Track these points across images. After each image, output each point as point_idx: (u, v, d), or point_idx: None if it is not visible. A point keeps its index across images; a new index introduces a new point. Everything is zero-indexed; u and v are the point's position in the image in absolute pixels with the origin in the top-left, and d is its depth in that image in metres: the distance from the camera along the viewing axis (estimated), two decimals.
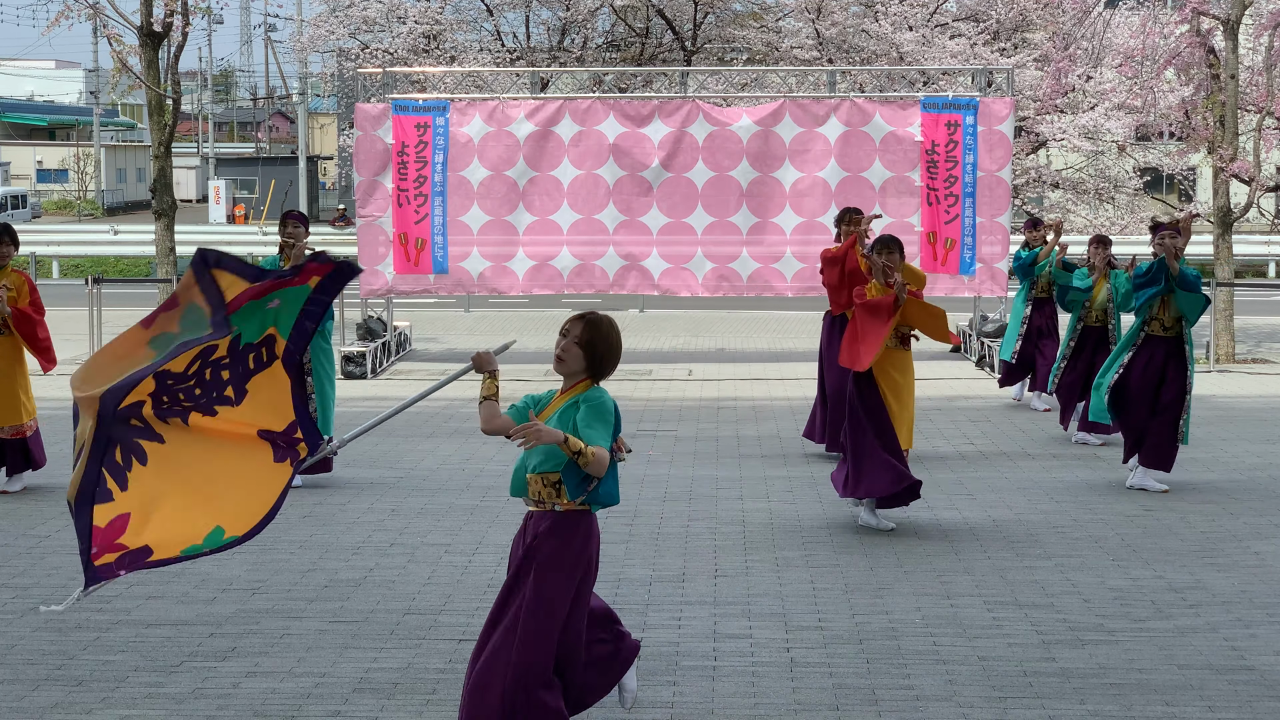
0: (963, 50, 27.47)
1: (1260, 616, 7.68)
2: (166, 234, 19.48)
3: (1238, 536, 9.48)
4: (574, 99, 18.16)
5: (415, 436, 13.22)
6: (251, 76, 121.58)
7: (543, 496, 5.59)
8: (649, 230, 17.73)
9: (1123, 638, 7.30)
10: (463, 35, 30.46)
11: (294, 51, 34.75)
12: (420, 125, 17.78)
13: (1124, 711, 6.28)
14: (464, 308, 25.68)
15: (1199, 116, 20.09)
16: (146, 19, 18.98)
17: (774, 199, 17.64)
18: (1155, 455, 10.86)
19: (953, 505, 10.33)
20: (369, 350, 17.51)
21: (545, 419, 5.60)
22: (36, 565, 8.64)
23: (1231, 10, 18.99)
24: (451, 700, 6.35)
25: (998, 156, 17.44)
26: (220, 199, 55.69)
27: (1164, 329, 10.95)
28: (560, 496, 5.55)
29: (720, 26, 30.84)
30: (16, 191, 56.73)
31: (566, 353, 5.67)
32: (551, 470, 5.54)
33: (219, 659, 6.93)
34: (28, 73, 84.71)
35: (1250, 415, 14.67)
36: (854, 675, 6.72)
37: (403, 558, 8.84)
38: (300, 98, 61.15)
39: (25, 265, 24.81)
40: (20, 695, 6.43)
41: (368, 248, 17.76)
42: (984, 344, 18.12)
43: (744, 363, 18.81)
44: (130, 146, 75.73)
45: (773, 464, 11.96)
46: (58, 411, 14.49)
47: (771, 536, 9.40)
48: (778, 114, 17.67)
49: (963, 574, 8.51)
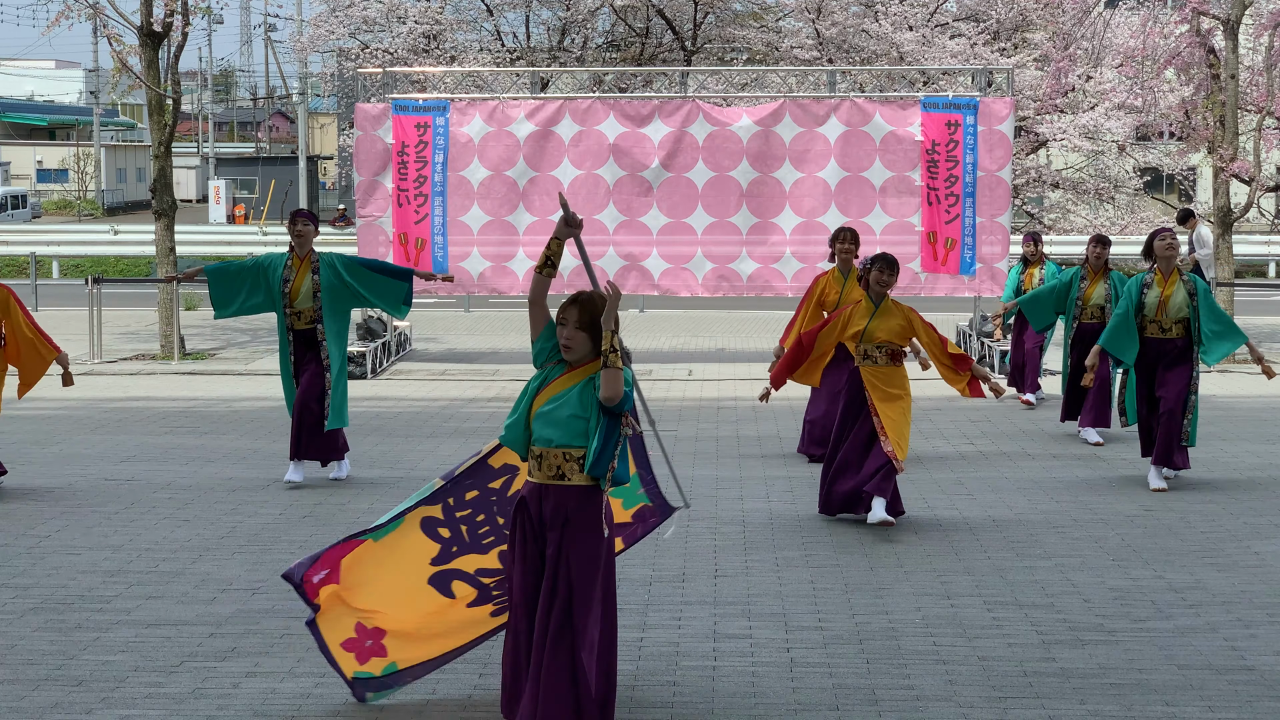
0: (963, 50, 27.47)
1: (1260, 616, 7.68)
2: (166, 234, 19.48)
3: (1238, 536, 9.48)
4: (574, 99, 18.16)
5: (415, 436, 13.22)
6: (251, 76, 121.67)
7: (563, 471, 5.69)
8: (649, 230, 17.74)
9: (1123, 638, 7.30)
10: (463, 35, 30.45)
11: (294, 51, 34.76)
12: (420, 125, 17.78)
13: (1124, 711, 6.28)
14: (464, 308, 25.68)
15: (1199, 116, 20.09)
16: (146, 19, 18.98)
17: (774, 199, 17.64)
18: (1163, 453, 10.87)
19: (953, 505, 10.33)
20: (369, 350, 17.51)
21: (558, 393, 5.70)
22: (36, 565, 8.64)
23: (1231, 10, 18.99)
24: (452, 700, 6.35)
25: (998, 156, 17.43)
26: (220, 199, 55.67)
27: (1162, 331, 10.88)
28: (582, 472, 5.67)
29: (720, 26, 30.82)
30: (16, 191, 56.71)
31: (572, 340, 5.77)
32: (578, 446, 5.64)
33: (219, 659, 6.93)
34: (28, 73, 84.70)
35: (1250, 415, 14.67)
36: (854, 675, 6.72)
37: None
38: (300, 98, 61.17)
39: (25, 265, 24.76)
40: (20, 695, 6.43)
41: (368, 248, 17.75)
42: (984, 344, 18.12)
43: (744, 363, 18.80)
44: (130, 146, 75.73)
45: (773, 464, 11.96)
46: (58, 411, 14.50)
47: (771, 536, 9.40)
48: (778, 114, 17.67)
49: (963, 574, 8.51)
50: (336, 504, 10.35)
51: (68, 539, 9.30)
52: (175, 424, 13.89)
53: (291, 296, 10.79)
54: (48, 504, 10.25)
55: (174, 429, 13.61)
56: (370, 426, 13.71)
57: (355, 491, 10.79)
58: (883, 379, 9.58)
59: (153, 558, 8.82)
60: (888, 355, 9.60)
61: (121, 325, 22.32)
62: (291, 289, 10.79)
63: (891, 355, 9.61)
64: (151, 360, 18.84)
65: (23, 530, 9.50)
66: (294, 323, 10.85)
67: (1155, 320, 10.87)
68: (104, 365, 18.28)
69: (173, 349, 18.95)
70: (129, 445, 12.75)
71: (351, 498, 10.57)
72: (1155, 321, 10.88)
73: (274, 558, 8.81)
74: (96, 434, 13.33)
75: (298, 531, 9.50)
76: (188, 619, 7.56)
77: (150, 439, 13.06)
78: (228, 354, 19.60)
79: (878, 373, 9.59)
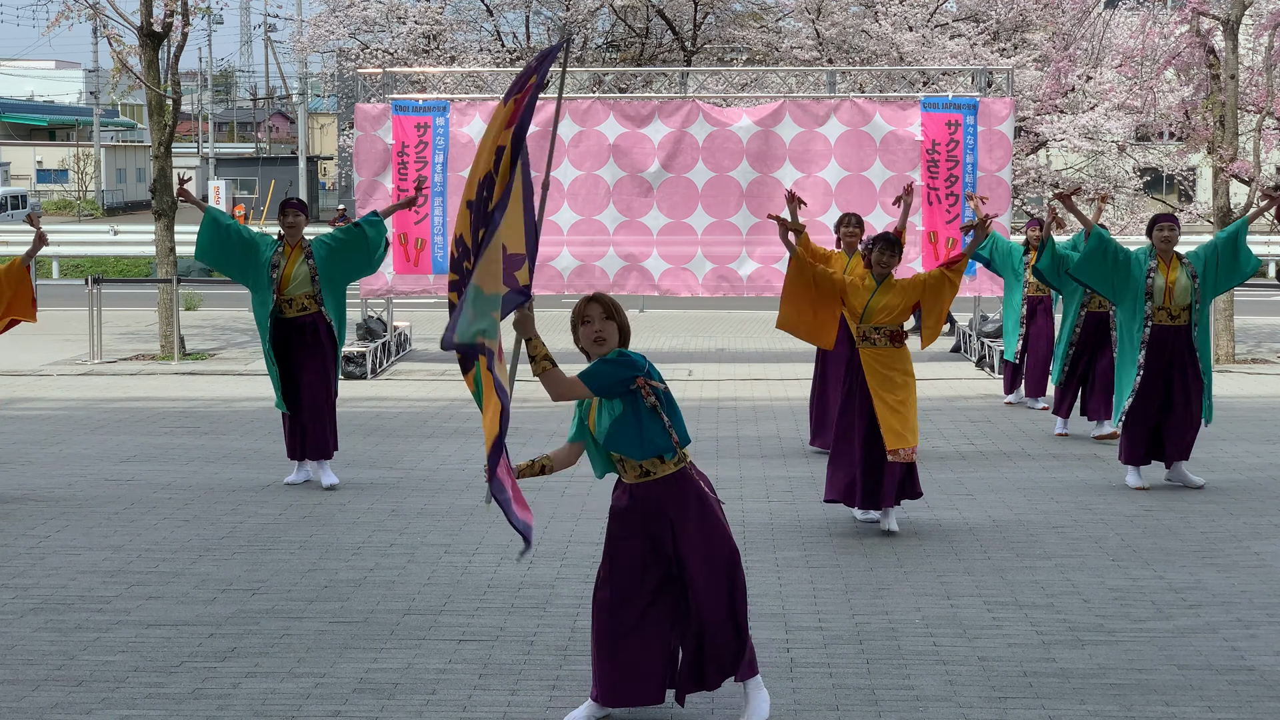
0: (963, 50, 27.45)
1: (1260, 616, 7.68)
2: (166, 234, 19.48)
3: (1238, 536, 9.48)
4: (574, 99, 18.16)
5: (415, 436, 13.22)
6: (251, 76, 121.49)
7: (647, 468, 5.95)
8: (649, 231, 17.74)
9: (1123, 638, 7.29)
10: (463, 35, 30.44)
11: (294, 51, 34.74)
12: (420, 125, 17.78)
13: (1124, 711, 6.28)
14: None
15: (1199, 116, 20.09)
16: (146, 19, 18.98)
17: (774, 199, 17.63)
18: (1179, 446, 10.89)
19: (953, 505, 10.33)
20: (369, 350, 17.51)
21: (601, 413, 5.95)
22: (36, 565, 8.64)
23: (1231, 10, 18.99)
24: (451, 700, 6.35)
25: (998, 157, 17.44)
26: (220, 199, 55.62)
27: (1171, 318, 10.78)
28: (664, 464, 5.95)
29: (720, 27, 30.81)
30: (17, 191, 56.72)
31: (604, 332, 5.92)
32: (643, 458, 5.92)
33: (219, 659, 6.93)
34: (28, 73, 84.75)
35: (1250, 415, 14.67)
36: (854, 675, 6.72)
37: (403, 558, 8.83)
38: (300, 98, 61.18)
39: None
40: (20, 695, 6.42)
41: None
42: (984, 344, 18.12)
43: (744, 363, 18.80)
44: (130, 146, 75.73)
45: (773, 464, 11.96)
46: (58, 411, 14.50)
47: (771, 536, 9.40)
48: (778, 114, 17.67)
49: (963, 574, 8.51)
50: (336, 504, 10.36)
51: (68, 539, 9.30)
52: (175, 424, 13.89)
53: (282, 284, 10.81)
54: (48, 504, 10.25)
55: (174, 429, 13.61)
56: (370, 426, 13.71)
57: (355, 491, 10.79)
58: (882, 362, 9.49)
59: (153, 558, 8.82)
60: (887, 336, 9.50)
61: (121, 325, 22.33)
62: (282, 276, 10.80)
63: (891, 336, 9.51)
64: (151, 360, 18.84)
65: (23, 530, 9.50)
66: (284, 310, 10.85)
67: (1164, 308, 10.74)
68: (104, 365, 18.28)
69: (173, 349, 18.95)
70: (129, 445, 12.75)
71: (351, 498, 10.57)
72: (1164, 309, 10.74)
73: (274, 558, 8.81)
74: (96, 434, 13.33)
75: (298, 531, 9.50)
76: (188, 619, 7.55)
77: (150, 439, 13.06)
78: (228, 354, 19.60)
79: (877, 355, 9.50)
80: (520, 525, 5.56)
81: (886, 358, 9.52)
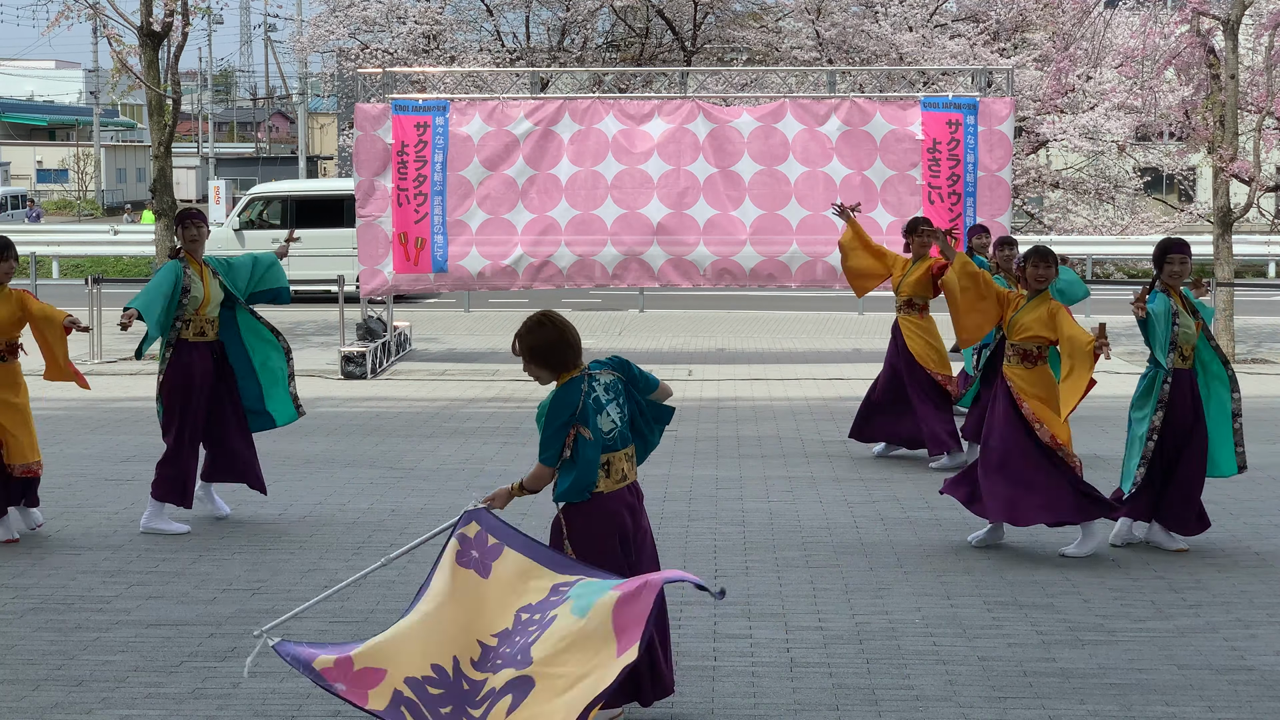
0: (963, 50, 27.46)
1: (1260, 616, 7.68)
2: (166, 234, 19.48)
3: (1238, 536, 9.48)
4: (574, 99, 18.16)
5: (415, 436, 13.21)
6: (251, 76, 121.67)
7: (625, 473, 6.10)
8: (650, 224, 17.69)
9: (1123, 638, 7.30)
10: (463, 35, 30.47)
11: (294, 51, 34.76)
12: (420, 125, 17.77)
13: (1124, 711, 6.28)
14: (464, 307, 25.67)
15: (1199, 116, 20.09)
16: (146, 19, 18.98)
17: (778, 193, 17.61)
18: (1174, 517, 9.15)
19: (953, 505, 10.31)
20: (369, 350, 17.50)
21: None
22: (36, 565, 8.64)
23: (1231, 10, 18.99)
24: None
25: (998, 156, 17.43)
26: (220, 199, 55.62)
27: (1183, 359, 9.05)
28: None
29: (720, 27, 30.84)
30: (17, 191, 56.70)
31: (529, 372, 6.07)
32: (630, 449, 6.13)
33: (219, 659, 6.93)
34: (28, 73, 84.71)
35: (1250, 415, 14.61)
36: (854, 675, 6.72)
37: (402, 558, 8.82)
38: (300, 98, 61.19)
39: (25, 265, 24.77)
40: (20, 695, 6.43)
41: (367, 247, 17.75)
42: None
43: (744, 363, 18.80)
44: (130, 146, 75.76)
45: (773, 464, 11.95)
46: (58, 411, 14.49)
47: (771, 536, 9.40)
48: (778, 113, 17.66)
49: (963, 574, 8.51)
50: (336, 504, 10.35)
51: (68, 539, 9.30)
52: None
53: (203, 305, 9.72)
54: (48, 504, 10.24)
55: None
56: (370, 426, 13.71)
57: (355, 491, 10.78)
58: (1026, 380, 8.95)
59: (153, 558, 8.82)
60: (1019, 355, 8.98)
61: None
62: (204, 296, 9.73)
63: (1023, 356, 8.99)
64: (151, 360, 18.79)
65: (23, 530, 9.50)
66: (206, 332, 9.80)
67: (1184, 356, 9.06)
68: (104, 365, 18.28)
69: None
70: (129, 445, 12.75)
71: (352, 498, 10.57)
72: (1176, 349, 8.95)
73: (274, 558, 8.81)
74: (96, 434, 13.33)
75: (298, 531, 9.50)
76: (188, 619, 7.55)
77: (150, 439, 13.04)
78: None
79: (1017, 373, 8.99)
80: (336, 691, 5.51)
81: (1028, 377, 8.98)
